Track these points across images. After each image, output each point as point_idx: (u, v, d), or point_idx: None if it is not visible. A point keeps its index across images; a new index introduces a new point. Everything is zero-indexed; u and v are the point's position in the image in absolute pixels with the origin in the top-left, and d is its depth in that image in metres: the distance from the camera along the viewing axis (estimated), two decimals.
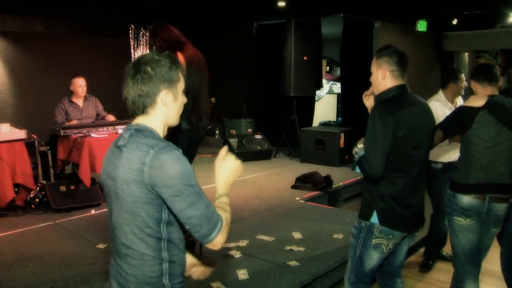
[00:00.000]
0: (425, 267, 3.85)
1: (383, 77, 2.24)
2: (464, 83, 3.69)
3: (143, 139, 1.46)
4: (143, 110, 1.50)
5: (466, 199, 2.58)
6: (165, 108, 1.50)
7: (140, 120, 1.52)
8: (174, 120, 1.56)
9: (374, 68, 2.30)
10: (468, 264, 2.69)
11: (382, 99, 2.25)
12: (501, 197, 2.57)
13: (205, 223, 1.44)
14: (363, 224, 2.29)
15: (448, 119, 2.74)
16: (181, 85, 1.54)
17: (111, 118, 5.70)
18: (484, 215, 2.59)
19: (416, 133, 2.18)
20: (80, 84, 5.56)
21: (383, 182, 2.20)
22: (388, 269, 2.45)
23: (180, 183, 1.39)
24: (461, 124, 2.60)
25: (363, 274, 2.33)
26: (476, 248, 2.66)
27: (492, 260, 3.14)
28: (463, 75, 3.73)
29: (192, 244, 3.45)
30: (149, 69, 1.45)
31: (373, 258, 2.27)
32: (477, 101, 2.58)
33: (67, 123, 5.30)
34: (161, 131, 1.53)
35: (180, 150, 1.46)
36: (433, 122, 2.35)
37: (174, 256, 1.51)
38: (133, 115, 1.53)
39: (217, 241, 1.48)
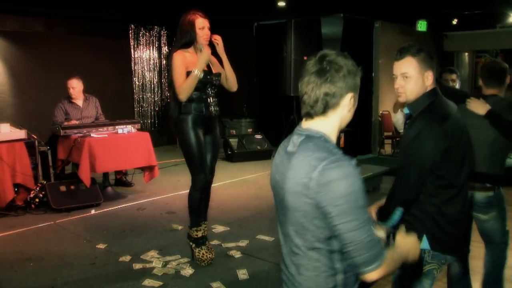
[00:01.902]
0: None
1: (431, 81, 1.95)
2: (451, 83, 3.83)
3: (313, 149, 1.34)
4: (323, 110, 1.37)
5: None
6: (345, 112, 1.40)
7: (314, 123, 1.40)
8: (345, 124, 1.45)
9: (415, 71, 1.93)
10: None
11: (420, 109, 1.96)
12: (477, 186, 2.65)
13: (364, 252, 1.30)
14: None
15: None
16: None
17: None
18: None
19: (464, 139, 1.94)
20: (71, 86, 5.55)
21: (432, 201, 1.93)
22: None
23: (346, 204, 1.27)
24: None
25: None
26: None
27: None
28: (447, 74, 3.86)
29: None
30: (344, 69, 1.35)
31: (425, 287, 2.03)
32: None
33: (66, 123, 5.31)
34: (335, 135, 1.42)
35: (353, 163, 1.33)
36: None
37: (348, 266, 1.40)
38: (308, 115, 1.40)
39: (372, 276, 1.34)
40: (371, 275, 1.33)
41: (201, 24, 3.26)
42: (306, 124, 1.42)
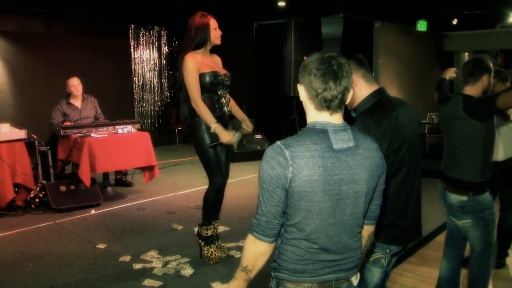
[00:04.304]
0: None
1: (360, 88, 2.03)
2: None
3: (364, 137, 1.53)
4: (342, 104, 1.49)
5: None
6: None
7: (336, 117, 1.49)
8: None
9: None
10: (445, 245, 2.91)
11: (363, 108, 2.03)
12: (450, 188, 2.67)
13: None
14: None
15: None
16: None
17: None
18: (443, 202, 2.75)
19: (405, 138, 1.99)
20: (73, 84, 5.55)
21: None
22: None
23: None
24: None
25: None
26: (452, 232, 2.83)
27: None
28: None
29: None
30: (347, 66, 1.46)
31: (375, 274, 2.11)
32: None
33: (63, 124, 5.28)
34: None
35: None
36: (419, 122, 2.19)
37: None
38: (330, 109, 1.46)
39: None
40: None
41: (214, 24, 3.31)
42: (330, 118, 1.48)
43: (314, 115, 1.49)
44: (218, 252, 3.46)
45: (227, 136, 3.24)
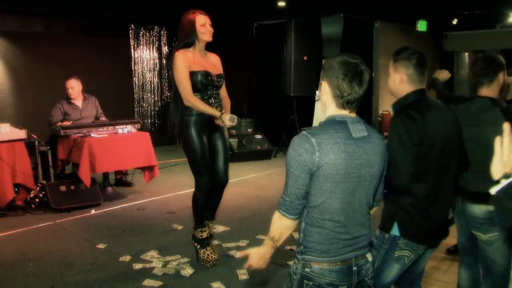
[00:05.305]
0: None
1: (400, 82, 2.12)
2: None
3: (371, 127, 1.74)
4: (358, 104, 1.70)
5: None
6: None
7: (353, 113, 1.71)
8: None
9: (391, 71, 2.17)
10: (461, 255, 2.77)
11: (401, 105, 2.11)
12: (474, 201, 2.46)
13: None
14: (386, 235, 2.14)
15: None
16: None
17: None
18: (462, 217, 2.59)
19: (440, 139, 2.03)
20: (70, 86, 5.52)
21: (404, 192, 2.07)
22: (409, 277, 2.30)
23: None
24: None
25: (381, 287, 2.17)
26: (464, 244, 2.69)
27: None
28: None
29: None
30: (367, 74, 1.67)
31: (394, 270, 2.14)
32: None
33: (60, 123, 5.27)
34: None
35: None
36: (459, 127, 2.17)
37: None
38: (351, 108, 1.67)
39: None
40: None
41: (202, 20, 3.24)
42: (350, 114, 1.68)
43: (334, 111, 1.68)
44: (214, 254, 3.43)
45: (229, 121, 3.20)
